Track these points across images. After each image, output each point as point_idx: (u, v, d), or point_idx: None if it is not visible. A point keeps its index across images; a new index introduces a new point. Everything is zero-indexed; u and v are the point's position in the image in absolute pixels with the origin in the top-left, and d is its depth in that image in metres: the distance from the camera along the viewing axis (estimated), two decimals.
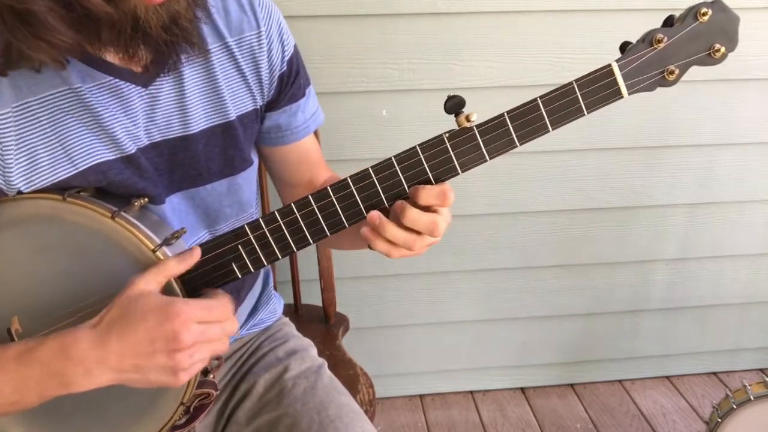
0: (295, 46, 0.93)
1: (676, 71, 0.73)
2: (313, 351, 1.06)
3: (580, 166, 1.67)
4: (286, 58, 0.90)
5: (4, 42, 0.66)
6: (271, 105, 0.93)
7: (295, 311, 1.48)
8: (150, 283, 0.72)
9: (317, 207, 0.76)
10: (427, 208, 0.75)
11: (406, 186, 0.76)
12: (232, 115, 0.86)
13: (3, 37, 0.65)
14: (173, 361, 0.68)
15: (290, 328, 1.12)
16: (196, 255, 0.77)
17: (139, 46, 0.71)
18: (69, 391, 0.70)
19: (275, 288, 1.18)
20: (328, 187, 0.76)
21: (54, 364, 0.69)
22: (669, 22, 0.74)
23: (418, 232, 0.75)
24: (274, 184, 1.03)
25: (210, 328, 0.71)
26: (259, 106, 0.89)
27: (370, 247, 0.78)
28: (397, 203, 0.75)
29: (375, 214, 0.75)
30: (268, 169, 1.02)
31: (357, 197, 0.76)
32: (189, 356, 0.69)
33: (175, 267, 0.74)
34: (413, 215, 0.74)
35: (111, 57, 0.76)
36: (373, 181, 0.75)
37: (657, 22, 0.79)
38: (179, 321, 0.68)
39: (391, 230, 0.74)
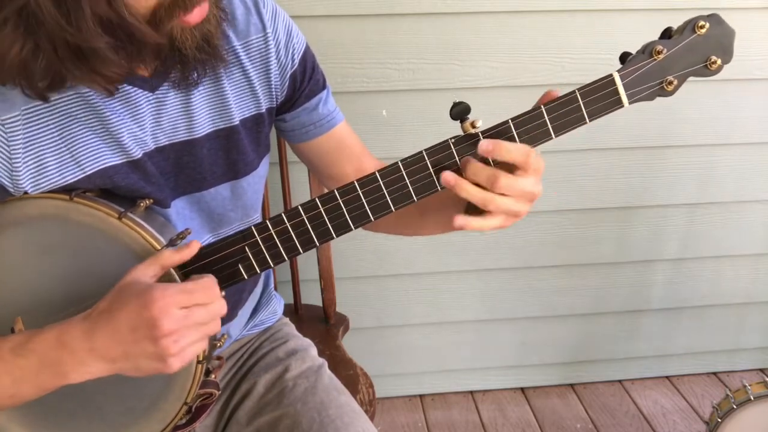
0: (307, 44, 0.93)
1: (675, 82, 0.75)
2: (314, 351, 1.06)
3: (580, 166, 1.67)
4: (297, 57, 0.90)
5: (53, 71, 0.67)
6: (288, 105, 0.93)
7: (295, 311, 1.48)
8: (145, 272, 0.71)
9: (324, 209, 0.77)
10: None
11: (411, 190, 0.76)
12: (236, 119, 0.86)
13: (51, 67, 0.66)
14: (159, 347, 0.67)
15: (290, 328, 1.12)
16: (194, 247, 0.76)
17: (172, 64, 0.73)
18: (65, 381, 0.70)
19: (275, 288, 1.18)
20: (335, 191, 0.76)
21: (49, 355, 0.69)
22: (667, 34, 0.76)
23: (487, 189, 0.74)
24: (324, 185, 1.02)
25: (193, 312, 0.69)
26: (263, 110, 0.89)
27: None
28: (464, 161, 0.75)
29: (448, 175, 0.74)
30: (312, 168, 1.01)
31: (363, 200, 0.77)
32: (174, 342, 0.68)
33: (170, 257, 0.73)
34: (474, 166, 0.74)
35: None
36: (380, 185, 0.76)
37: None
38: (157, 307, 0.67)
39: (466, 187, 0.74)
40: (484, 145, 0.73)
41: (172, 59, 0.71)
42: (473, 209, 0.78)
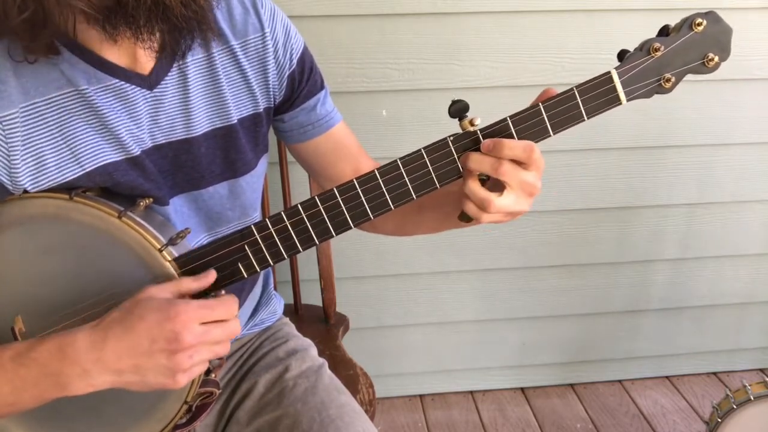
0: (305, 44, 0.93)
1: (673, 79, 0.75)
2: (314, 351, 1.06)
3: (580, 166, 1.67)
4: (296, 57, 0.90)
5: (30, 11, 0.65)
6: (286, 105, 0.93)
7: (295, 311, 1.48)
8: (163, 293, 0.72)
9: (323, 208, 0.77)
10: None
11: (410, 187, 0.76)
12: (234, 118, 0.86)
13: (29, 6, 0.65)
14: (173, 361, 0.68)
15: (290, 328, 1.12)
16: (212, 277, 0.77)
17: (157, 23, 0.70)
18: (66, 393, 0.70)
19: (275, 288, 1.18)
20: (335, 189, 0.76)
21: (51, 365, 0.69)
22: (665, 31, 0.76)
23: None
24: (321, 186, 1.02)
25: (212, 329, 0.71)
26: (261, 110, 0.89)
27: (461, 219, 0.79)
28: (465, 154, 0.75)
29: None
30: (309, 169, 1.01)
31: (363, 198, 0.77)
32: (189, 357, 0.69)
33: (190, 285, 0.75)
34: (476, 156, 0.74)
35: (117, 59, 0.76)
36: (379, 183, 0.76)
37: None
38: (180, 321, 0.68)
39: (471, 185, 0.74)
40: (486, 144, 0.74)
41: (156, 14, 0.69)
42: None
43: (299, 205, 0.77)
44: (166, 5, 0.69)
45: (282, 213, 0.77)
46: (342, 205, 0.77)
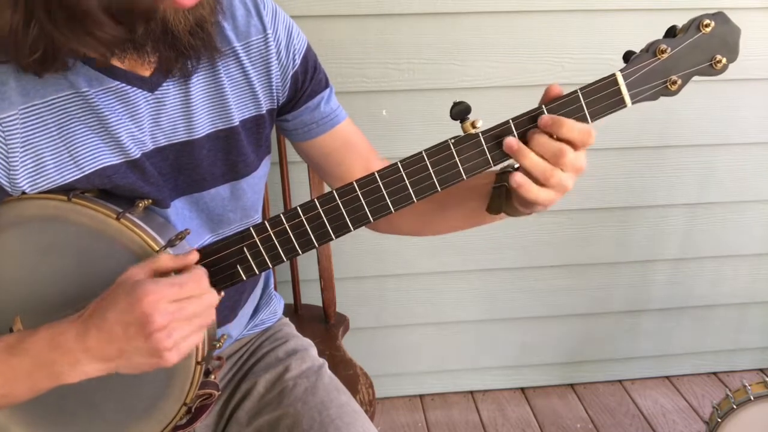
0: (308, 43, 0.92)
1: (679, 81, 0.74)
2: (314, 351, 1.06)
3: None
4: (299, 57, 0.90)
5: (45, 38, 0.66)
6: (290, 105, 0.92)
7: (295, 311, 1.48)
8: (139, 274, 0.71)
9: (323, 210, 0.76)
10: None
11: (411, 191, 0.76)
12: (236, 120, 0.86)
13: (42, 36, 0.65)
14: (152, 343, 0.67)
15: (290, 328, 1.12)
16: (193, 257, 0.76)
17: (165, 50, 0.71)
18: (59, 382, 0.70)
19: (275, 288, 1.18)
20: (334, 191, 0.76)
21: (43, 355, 0.69)
22: (671, 32, 0.74)
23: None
24: (331, 187, 1.00)
25: (186, 304, 0.69)
26: (264, 111, 0.89)
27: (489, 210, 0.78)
28: (530, 132, 0.74)
29: (512, 140, 0.74)
30: (318, 169, 1.00)
31: (362, 201, 0.76)
32: (167, 336, 0.67)
33: (167, 261, 0.73)
34: (542, 139, 0.73)
35: (119, 61, 0.76)
36: (379, 185, 0.76)
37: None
38: (148, 302, 0.67)
39: (530, 156, 0.73)
40: (545, 120, 0.73)
41: (165, 43, 0.70)
42: (502, 195, 0.78)
43: (298, 208, 0.76)
44: (175, 35, 0.70)
45: (281, 215, 0.77)
46: (342, 208, 0.76)
